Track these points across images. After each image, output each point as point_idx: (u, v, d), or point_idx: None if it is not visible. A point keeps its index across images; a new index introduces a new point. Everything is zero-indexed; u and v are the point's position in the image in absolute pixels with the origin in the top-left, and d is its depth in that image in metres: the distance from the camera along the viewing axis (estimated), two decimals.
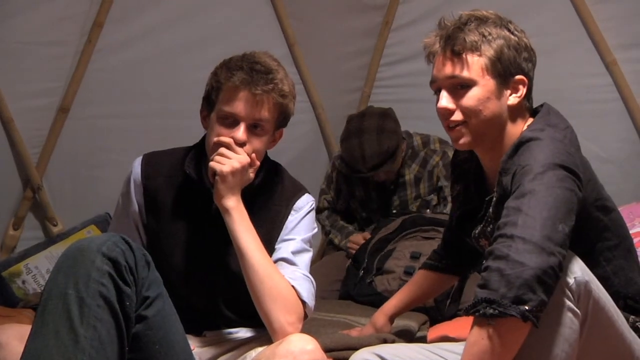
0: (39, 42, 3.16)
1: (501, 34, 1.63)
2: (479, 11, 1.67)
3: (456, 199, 1.87)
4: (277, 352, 1.67)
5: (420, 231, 2.82)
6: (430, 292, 2.17)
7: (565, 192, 1.49)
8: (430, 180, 3.12)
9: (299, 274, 1.81)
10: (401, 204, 3.13)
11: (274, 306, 1.73)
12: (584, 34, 3.29)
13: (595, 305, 1.52)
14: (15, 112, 3.18)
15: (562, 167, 1.52)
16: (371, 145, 2.94)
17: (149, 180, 1.89)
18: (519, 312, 1.38)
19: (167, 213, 1.87)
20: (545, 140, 1.57)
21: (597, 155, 3.11)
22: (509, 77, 1.64)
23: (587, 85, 3.34)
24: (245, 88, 1.77)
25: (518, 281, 1.39)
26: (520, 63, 1.64)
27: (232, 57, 1.84)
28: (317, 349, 1.68)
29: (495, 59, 1.63)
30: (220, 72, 1.80)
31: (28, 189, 3.28)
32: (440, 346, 1.80)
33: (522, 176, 1.52)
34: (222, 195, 1.76)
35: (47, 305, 1.39)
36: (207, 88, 1.84)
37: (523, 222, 1.45)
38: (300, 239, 1.87)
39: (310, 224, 1.92)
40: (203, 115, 1.86)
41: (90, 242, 1.45)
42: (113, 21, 3.22)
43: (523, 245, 1.42)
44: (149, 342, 1.46)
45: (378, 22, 3.61)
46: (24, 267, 3.15)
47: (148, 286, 1.48)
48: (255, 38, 3.50)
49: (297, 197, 1.91)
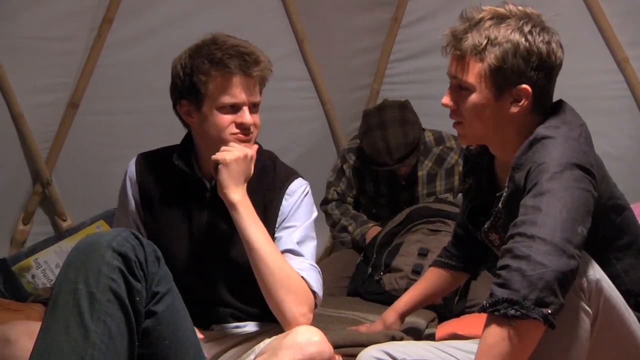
0: (49, 38, 3.16)
1: (511, 38, 1.56)
2: (503, 7, 1.61)
3: (467, 193, 1.86)
4: (283, 343, 1.68)
5: (426, 222, 2.81)
6: (441, 290, 2.16)
7: (583, 193, 1.48)
8: (448, 178, 3.10)
9: (306, 264, 1.82)
10: (411, 201, 3.12)
11: (286, 298, 1.74)
12: (596, 31, 3.28)
13: (606, 303, 1.51)
14: (25, 108, 3.19)
15: (579, 166, 1.50)
16: (396, 136, 2.93)
17: (143, 178, 1.92)
18: (542, 315, 1.37)
19: (163, 207, 1.90)
20: (560, 138, 1.55)
21: (608, 153, 3.09)
22: (509, 87, 1.59)
23: (598, 82, 3.32)
24: (242, 74, 1.79)
25: (540, 283, 1.37)
26: (525, 71, 1.57)
27: (201, 45, 1.82)
28: (323, 340, 1.69)
29: (496, 67, 1.58)
30: (203, 63, 1.79)
31: (38, 184, 3.29)
32: (449, 344, 1.80)
33: (538, 174, 1.50)
34: (226, 185, 1.76)
35: (58, 300, 1.40)
36: (185, 81, 1.81)
37: (543, 221, 1.43)
38: (302, 227, 1.88)
39: (309, 208, 1.92)
40: (185, 110, 1.85)
41: (101, 237, 1.45)
42: (123, 17, 3.22)
43: (544, 247, 1.40)
44: (159, 338, 1.47)
45: (387, 19, 3.60)
46: (34, 261, 3.16)
47: (158, 281, 1.48)
48: (265, 34, 3.49)
49: (289, 181, 1.91)
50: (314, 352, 1.67)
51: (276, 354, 1.68)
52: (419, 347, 1.77)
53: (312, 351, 1.66)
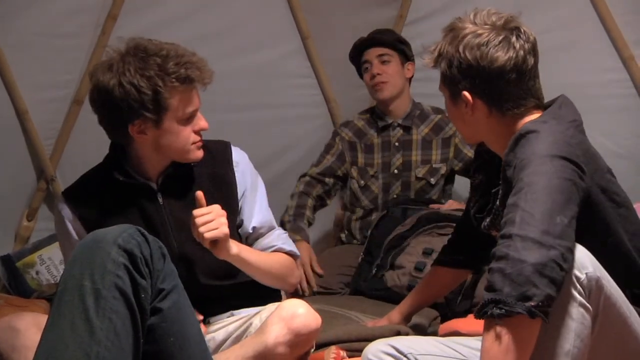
0: (54, 34, 3.17)
1: (448, 50, 1.66)
2: (457, 22, 1.68)
3: (477, 189, 1.87)
4: (269, 320, 1.74)
5: (435, 227, 2.81)
6: (443, 287, 2.17)
7: (563, 182, 1.49)
8: (444, 148, 3.09)
9: (277, 233, 2.02)
10: (404, 164, 3.10)
11: (281, 280, 1.98)
12: (601, 29, 3.26)
13: (607, 301, 1.51)
14: (30, 104, 3.20)
15: (561, 157, 1.51)
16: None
17: (80, 208, 1.91)
18: (525, 308, 1.38)
19: (115, 222, 1.85)
20: (543, 132, 1.56)
21: (613, 151, 3.09)
22: (457, 94, 1.68)
23: (603, 80, 3.31)
24: (197, 83, 1.83)
25: (520, 278, 1.39)
26: (460, 80, 1.66)
27: (145, 58, 1.79)
28: (309, 312, 1.75)
29: (443, 76, 1.70)
30: (171, 82, 1.78)
31: (42, 181, 3.30)
32: (455, 340, 1.80)
33: (520, 170, 1.52)
34: (228, 248, 1.82)
35: (63, 297, 1.40)
36: (145, 101, 1.77)
37: (521, 219, 1.45)
38: (259, 198, 2.00)
39: (253, 171, 2.03)
40: (139, 129, 1.82)
41: (106, 233, 1.45)
42: (127, 13, 3.23)
43: (521, 243, 1.42)
44: (164, 335, 1.47)
45: (392, 16, 3.59)
46: (38, 258, 3.16)
47: (163, 278, 1.48)
48: (269, 31, 3.50)
49: (228, 152, 1.98)
50: (300, 324, 1.73)
51: (263, 331, 1.74)
52: (425, 341, 1.77)
53: (297, 324, 1.73)
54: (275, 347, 1.72)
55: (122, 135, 1.85)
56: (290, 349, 1.74)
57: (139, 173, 1.90)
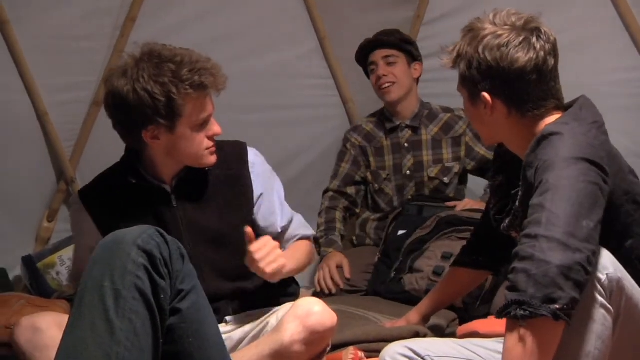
0: (73, 37, 3.20)
1: (467, 51, 1.65)
2: (480, 19, 1.67)
3: (497, 190, 1.86)
4: (285, 318, 1.75)
5: (455, 231, 2.81)
6: (461, 288, 2.17)
7: (589, 185, 1.48)
8: (454, 147, 3.08)
9: (296, 220, 2.06)
10: (416, 165, 3.10)
11: (307, 266, 2.06)
12: (621, 27, 3.23)
13: (628, 302, 1.50)
14: (50, 106, 3.23)
15: (585, 160, 1.50)
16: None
17: (94, 208, 1.92)
18: (550, 311, 1.37)
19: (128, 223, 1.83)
20: (566, 134, 1.55)
21: (631, 150, 3.06)
22: (477, 95, 1.67)
23: (622, 79, 3.28)
24: (211, 89, 1.83)
25: (545, 280, 1.38)
26: (480, 81, 1.65)
27: (159, 64, 1.79)
28: (325, 310, 1.76)
29: (462, 77, 1.69)
30: (185, 89, 1.77)
31: (62, 182, 3.33)
32: (473, 342, 1.80)
33: (544, 171, 1.51)
34: (280, 275, 1.84)
35: (84, 297, 1.41)
36: (159, 107, 1.77)
37: (547, 219, 1.44)
38: (277, 197, 2.01)
39: (270, 171, 2.04)
40: (152, 135, 1.83)
41: (126, 234, 1.46)
42: (146, 15, 3.25)
43: (547, 244, 1.41)
44: (183, 335, 1.47)
45: (409, 16, 3.58)
46: (58, 258, 3.19)
47: (182, 279, 1.49)
48: (286, 32, 3.51)
49: (244, 153, 1.98)
50: (315, 323, 1.73)
51: (279, 330, 1.75)
52: (442, 343, 1.77)
53: (313, 322, 1.73)
54: (291, 345, 1.73)
55: (136, 140, 1.86)
56: (306, 347, 1.74)
57: (153, 176, 1.91)
